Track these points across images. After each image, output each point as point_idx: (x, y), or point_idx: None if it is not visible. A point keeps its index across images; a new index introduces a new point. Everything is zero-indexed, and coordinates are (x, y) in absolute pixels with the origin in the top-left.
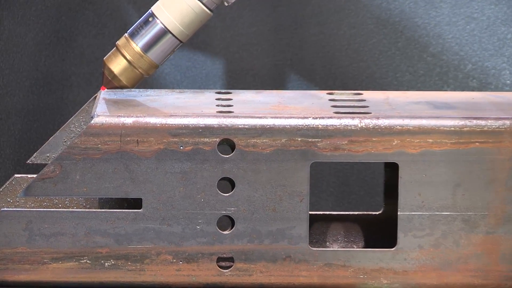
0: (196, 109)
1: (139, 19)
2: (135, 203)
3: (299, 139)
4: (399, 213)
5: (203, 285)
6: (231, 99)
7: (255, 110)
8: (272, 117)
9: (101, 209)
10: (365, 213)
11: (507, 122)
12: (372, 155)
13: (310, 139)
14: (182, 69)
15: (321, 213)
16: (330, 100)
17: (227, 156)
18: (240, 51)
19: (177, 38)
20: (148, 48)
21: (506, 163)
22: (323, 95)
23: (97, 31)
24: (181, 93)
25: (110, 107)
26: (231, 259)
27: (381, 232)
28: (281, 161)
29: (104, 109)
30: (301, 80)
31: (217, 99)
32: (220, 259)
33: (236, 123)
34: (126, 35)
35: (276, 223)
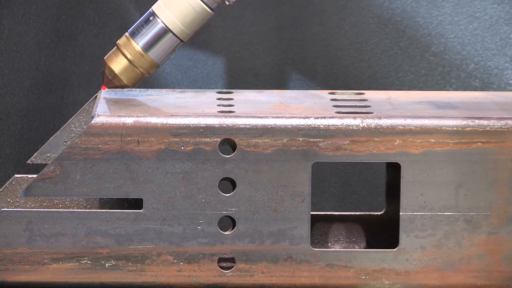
0: (197, 109)
1: (140, 18)
2: (136, 204)
3: (301, 139)
4: (401, 213)
5: (204, 285)
6: (232, 99)
7: (257, 110)
8: (273, 117)
9: (101, 209)
10: (367, 213)
11: (510, 122)
12: (374, 155)
13: (311, 139)
14: (183, 68)
15: (323, 213)
16: (331, 100)
17: (228, 156)
18: (241, 51)
19: (178, 37)
20: (149, 47)
21: (508, 163)
22: (324, 95)
23: (97, 30)
24: (182, 92)
25: (110, 107)
26: (232, 260)
27: (383, 232)
28: (282, 161)
29: (104, 109)
30: (302, 79)
31: (218, 99)
32: (221, 260)
33: (237, 123)
34: (126, 34)
35: (277, 223)
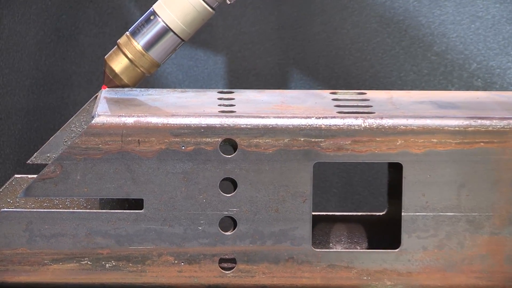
0: (198, 109)
1: (141, 18)
2: (136, 204)
3: (302, 139)
4: (403, 213)
5: (205, 286)
6: (233, 99)
7: (258, 109)
8: (274, 117)
9: (102, 209)
10: (369, 213)
11: None
12: (375, 155)
13: (313, 139)
14: (184, 68)
15: (324, 213)
16: (333, 99)
17: (229, 156)
18: (242, 50)
19: (178, 36)
20: (149, 46)
21: (511, 163)
22: (326, 95)
23: (98, 29)
24: (183, 92)
25: (111, 107)
26: (233, 260)
27: (385, 233)
28: (283, 161)
29: (105, 109)
30: (304, 79)
31: (219, 99)
32: (222, 260)
33: (238, 123)
34: (127, 33)
35: (278, 224)
